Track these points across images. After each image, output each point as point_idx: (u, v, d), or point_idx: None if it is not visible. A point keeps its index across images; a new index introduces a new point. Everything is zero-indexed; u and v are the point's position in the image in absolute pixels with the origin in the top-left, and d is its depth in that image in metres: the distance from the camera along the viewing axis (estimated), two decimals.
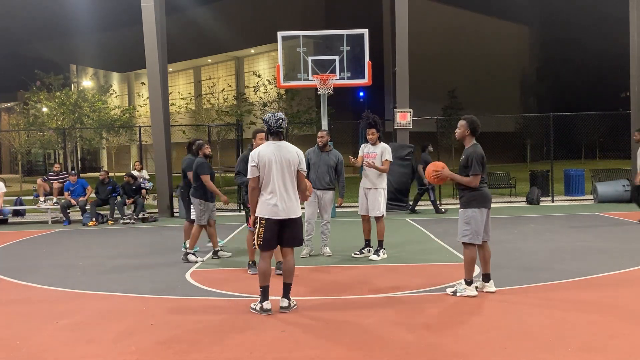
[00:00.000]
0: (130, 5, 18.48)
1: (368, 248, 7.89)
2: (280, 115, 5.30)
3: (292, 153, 5.23)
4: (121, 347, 4.39)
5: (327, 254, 7.90)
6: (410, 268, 7.16)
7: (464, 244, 5.60)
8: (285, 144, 5.29)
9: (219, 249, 8.19)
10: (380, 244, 7.71)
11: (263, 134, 6.56)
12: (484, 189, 5.58)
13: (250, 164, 5.20)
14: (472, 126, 5.65)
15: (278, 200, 5.11)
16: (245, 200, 6.61)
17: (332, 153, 7.99)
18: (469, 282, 5.57)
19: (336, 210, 13.38)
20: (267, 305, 5.14)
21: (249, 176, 5.24)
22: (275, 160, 5.14)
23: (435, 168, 5.74)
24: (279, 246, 5.32)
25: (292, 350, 4.25)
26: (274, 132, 5.26)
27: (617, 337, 4.37)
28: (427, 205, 15.02)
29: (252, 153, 5.26)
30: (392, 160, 7.77)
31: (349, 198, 16.05)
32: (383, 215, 7.66)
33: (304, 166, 5.31)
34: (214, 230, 8.20)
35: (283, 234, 5.19)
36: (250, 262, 6.96)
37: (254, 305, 5.24)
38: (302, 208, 5.83)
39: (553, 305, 5.21)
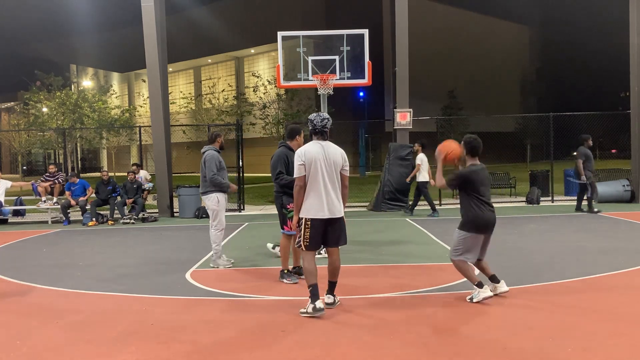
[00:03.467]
0: (130, 5, 18.49)
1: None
2: (326, 115, 5.28)
3: (337, 154, 5.21)
4: (121, 347, 4.39)
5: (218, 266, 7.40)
6: (410, 268, 7.17)
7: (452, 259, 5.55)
8: (330, 143, 5.24)
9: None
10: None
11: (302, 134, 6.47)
12: (477, 213, 5.37)
13: (297, 162, 5.14)
14: (469, 147, 5.49)
15: (324, 200, 5.08)
16: (284, 203, 6.35)
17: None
18: (479, 285, 5.40)
19: None
20: (319, 304, 5.00)
21: (296, 175, 5.14)
22: (322, 159, 5.11)
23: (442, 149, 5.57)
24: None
25: (293, 350, 4.25)
26: (319, 132, 5.22)
27: (616, 337, 4.37)
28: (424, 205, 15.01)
29: (298, 151, 5.20)
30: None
31: (351, 198, 16.04)
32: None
33: (347, 168, 5.27)
34: None
35: (327, 233, 5.16)
36: (285, 271, 6.47)
37: (304, 309, 5.06)
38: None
39: (553, 305, 5.21)
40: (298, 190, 5.15)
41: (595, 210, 12.22)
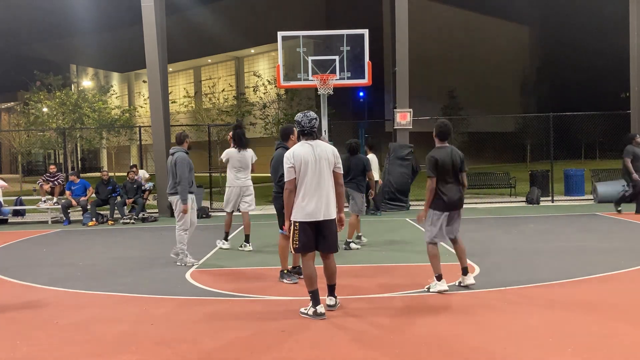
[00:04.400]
0: (130, 5, 18.49)
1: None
2: (313, 114, 5.10)
3: (329, 152, 5.05)
4: (121, 347, 4.39)
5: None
6: (410, 268, 7.16)
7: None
8: (320, 142, 5.08)
9: (351, 240, 8.62)
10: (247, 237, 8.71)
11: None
12: (443, 194, 5.70)
13: (286, 165, 4.97)
14: (436, 130, 5.87)
15: (314, 202, 4.91)
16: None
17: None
18: (438, 277, 5.76)
19: None
20: (320, 309, 4.94)
21: (286, 178, 4.97)
22: (312, 160, 4.94)
23: None
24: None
25: (292, 350, 4.25)
26: (308, 132, 5.05)
27: (616, 336, 4.37)
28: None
29: (287, 154, 5.03)
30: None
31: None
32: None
33: (340, 165, 5.13)
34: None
35: (319, 237, 5.02)
36: (285, 271, 6.47)
37: (305, 309, 5.04)
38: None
39: (553, 305, 5.21)
40: (288, 194, 4.97)
41: (619, 209, 12.06)
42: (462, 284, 5.88)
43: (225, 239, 9.08)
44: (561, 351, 4.07)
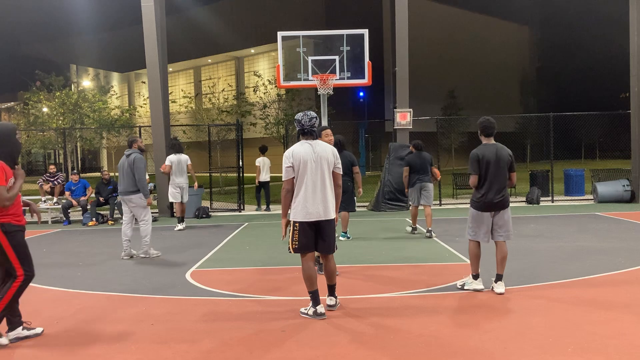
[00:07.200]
0: (130, 5, 18.50)
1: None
2: (313, 114, 5.09)
3: (328, 152, 5.04)
4: (121, 347, 4.39)
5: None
6: (410, 268, 7.17)
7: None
8: (319, 142, 5.07)
9: (431, 229, 9.51)
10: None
11: (328, 131, 6.65)
12: (476, 193, 5.70)
13: (284, 165, 4.94)
14: (480, 127, 5.86)
15: (312, 202, 4.91)
16: None
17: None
18: (475, 276, 5.77)
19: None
20: (320, 309, 4.96)
21: (284, 178, 4.94)
22: (312, 159, 4.93)
23: None
24: None
25: (292, 350, 4.26)
26: (308, 132, 5.05)
27: (616, 337, 4.37)
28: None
29: (285, 153, 5.01)
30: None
31: None
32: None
33: (340, 165, 5.13)
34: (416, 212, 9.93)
35: (318, 237, 5.03)
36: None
37: (305, 309, 5.07)
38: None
39: (553, 305, 5.22)
40: (285, 193, 4.97)
41: None
42: (493, 289, 5.71)
43: (181, 221, 11.49)
44: (561, 351, 4.08)
